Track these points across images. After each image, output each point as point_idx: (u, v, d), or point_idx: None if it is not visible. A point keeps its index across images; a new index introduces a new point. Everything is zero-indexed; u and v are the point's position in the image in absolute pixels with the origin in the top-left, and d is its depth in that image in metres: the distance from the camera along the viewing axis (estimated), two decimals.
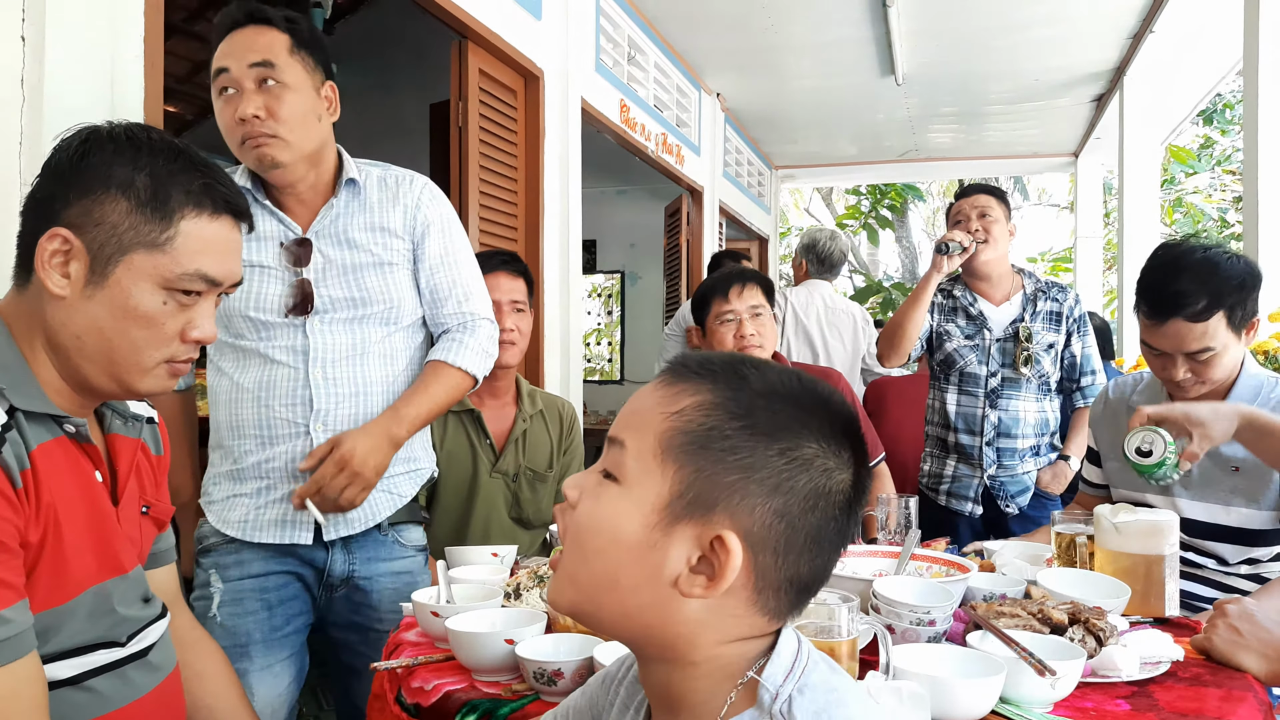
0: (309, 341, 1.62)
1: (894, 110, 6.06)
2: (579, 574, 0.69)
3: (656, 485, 0.67)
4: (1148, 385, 1.86)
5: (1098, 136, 6.35)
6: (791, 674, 0.67)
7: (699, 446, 0.67)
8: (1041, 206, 13.49)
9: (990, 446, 2.64)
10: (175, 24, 5.25)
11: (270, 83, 1.53)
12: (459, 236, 1.77)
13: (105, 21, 1.64)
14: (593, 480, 0.71)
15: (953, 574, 1.45)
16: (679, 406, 0.68)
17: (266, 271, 1.61)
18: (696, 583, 0.66)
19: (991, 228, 2.61)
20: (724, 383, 0.69)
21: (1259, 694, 1.17)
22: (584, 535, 0.69)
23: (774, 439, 0.67)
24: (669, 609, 0.67)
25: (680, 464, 0.67)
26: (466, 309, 1.74)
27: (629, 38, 4.37)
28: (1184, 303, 1.59)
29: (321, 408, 1.61)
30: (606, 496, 0.69)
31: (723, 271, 2.41)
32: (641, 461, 0.68)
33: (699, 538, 0.66)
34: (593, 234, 7.11)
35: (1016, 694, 1.09)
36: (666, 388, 0.70)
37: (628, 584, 0.67)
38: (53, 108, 1.53)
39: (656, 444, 0.68)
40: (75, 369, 1.02)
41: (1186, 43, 4.67)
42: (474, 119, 3.04)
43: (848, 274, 12.22)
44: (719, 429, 0.67)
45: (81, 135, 1.02)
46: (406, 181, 1.73)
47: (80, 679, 1.01)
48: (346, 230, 1.65)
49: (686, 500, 0.66)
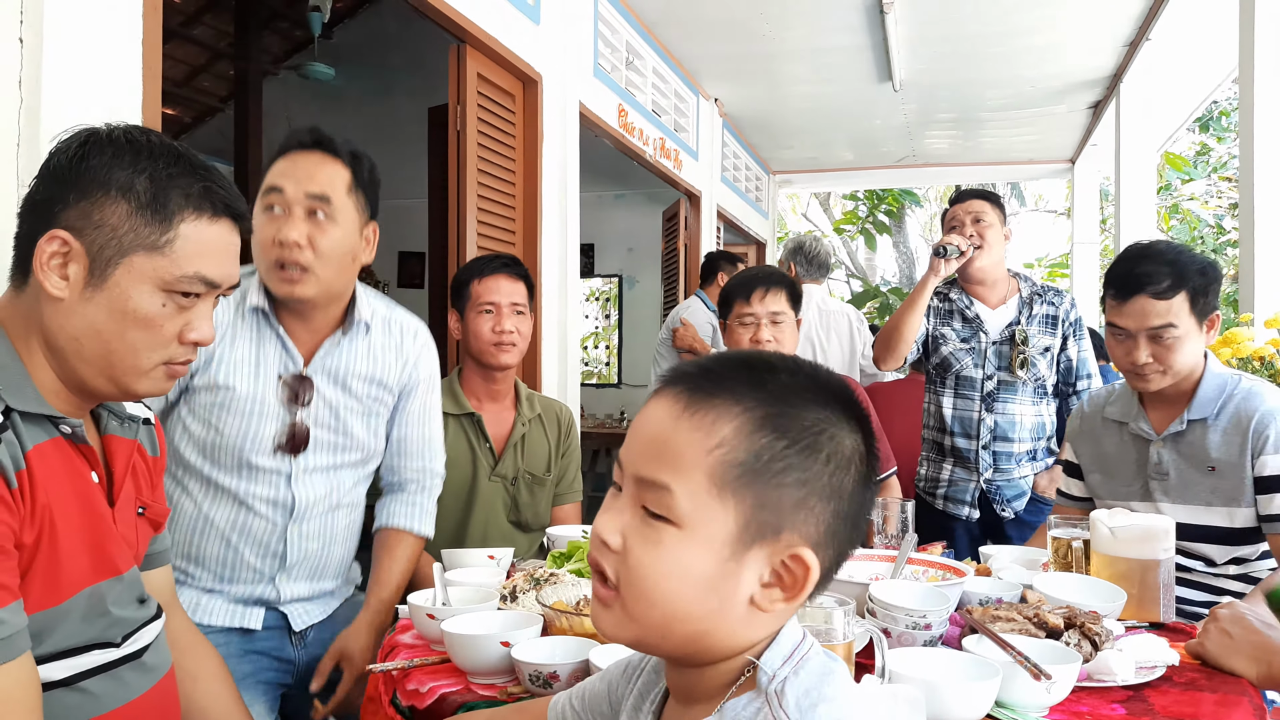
0: (294, 496, 1.59)
1: (891, 116, 6.08)
2: (646, 615, 0.68)
3: (720, 521, 0.66)
4: (1120, 396, 1.89)
5: (1094, 143, 6.38)
6: (790, 660, 0.68)
7: (753, 475, 0.66)
8: (1038, 212, 13.52)
9: (986, 450, 2.65)
10: (173, 28, 5.26)
11: (321, 215, 1.51)
12: (437, 393, 1.81)
13: (103, 24, 1.64)
14: (635, 522, 0.68)
15: (949, 578, 1.45)
16: (718, 437, 0.66)
17: (264, 408, 1.56)
18: (772, 597, 0.67)
19: (986, 233, 2.62)
20: (752, 398, 0.67)
21: (1254, 698, 1.17)
22: (648, 582, 0.67)
23: (818, 446, 0.67)
24: (739, 624, 0.68)
25: (739, 496, 0.66)
26: (431, 466, 1.79)
27: (627, 43, 4.38)
28: (1149, 281, 1.68)
29: (293, 561, 1.62)
30: (668, 542, 0.66)
31: (749, 272, 2.37)
32: (697, 502, 0.66)
33: (770, 557, 0.67)
34: (591, 238, 7.12)
35: (1012, 698, 1.09)
36: (694, 415, 0.68)
37: (700, 613, 0.67)
38: (50, 110, 1.53)
39: (708, 482, 0.66)
40: (73, 371, 1.02)
41: (1182, 50, 4.68)
42: (472, 123, 3.04)
43: (845, 279, 12.23)
44: (767, 452, 0.66)
45: (80, 137, 1.01)
46: (411, 334, 1.73)
47: (74, 680, 1.01)
48: (345, 374, 1.63)
49: (754, 528, 0.66)
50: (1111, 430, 1.88)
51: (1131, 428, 1.82)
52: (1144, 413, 1.81)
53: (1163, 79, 4.85)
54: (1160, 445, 1.77)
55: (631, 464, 0.69)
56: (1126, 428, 1.83)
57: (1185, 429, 1.74)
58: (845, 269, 12.64)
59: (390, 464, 1.77)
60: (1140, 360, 1.71)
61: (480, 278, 2.17)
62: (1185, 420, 1.74)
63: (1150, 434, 1.79)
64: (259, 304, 1.56)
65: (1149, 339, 1.70)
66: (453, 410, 2.16)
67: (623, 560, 0.68)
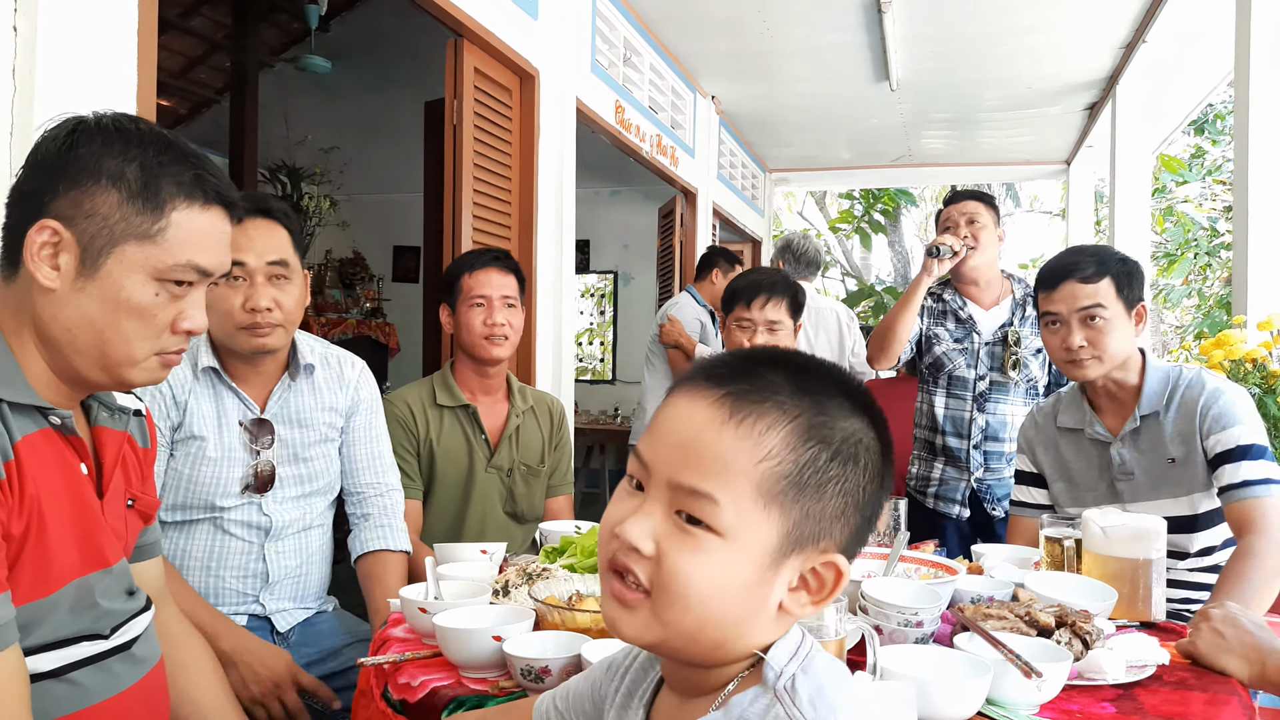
0: (269, 519, 1.69)
1: (888, 115, 6.08)
2: (678, 621, 0.66)
3: (763, 532, 0.66)
4: (1068, 404, 1.93)
5: (1090, 145, 6.39)
6: (796, 657, 0.68)
7: (799, 487, 0.66)
8: (1034, 213, 13.54)
9: (977, 450, 2.65)
10: (170, 19, 5.23)
11: (281, 279, 1.63)
12: (380, 413, 1.91)
13: (98, 14, 1.63)
14: (669, 527, 0.66)
15: (941, 576, 1.45)
16: (766, 448, 0.65)
17: (231, 454, 1.65)
18: (800, 600, 0.68)
19: (980, 234, 2.63)
20: (796, 406, 0.67)
21: (1243, 698, 1.17)
22: (684, 589, 0.65)
23: (858, 457, 0.68)
24: (764, 628, 0.68)
25: (785, 508, 0.66)
26: (384, 479, 1.86)
27: (625, 39, 4.37)
28: (1075, 268, 1.81)
29: (275, 580, 1.70)
30: (710, 550, 0.65)
31: (756, 276, 2.37)
32: (742, 513, 0.65)
33: (804, 563, 0.68)
34: (586, 234, 7.11)
35: (1002, 696, 1.09)
36: (740, 424, 0.66)
37: (731, 619, 0.67)
38: (44, 99, 1.52)
39: (755, 493, 0.65)
40: (66, 361, 1.01)
41: (1178, 53, 4.69)
42: (469, 118, 3.03)
43: (840, 278, 12.25)
44: (813, 464, 0.66)
45: (68, 126, 1.00)
46: (348, 363, 1.85)
47: (63, 671, 1.00)
48: (299, 411, 1.73)
49: (795, 538, 0.66)
50: (1068, 438, 1.91)
51: (1088, 433, 1.86)
52: (1097, 417, 1.86)
53: (1159, 81, 4.86)
54: (1120, 446, 1.82)
55: (666, 468, 0.67)
56: (1083, 434, 1.88)
57: (1140, 425, 1.80)
58: (840, 268, 12.66)
59: (348, 488, 1.84)
60: (1074, 344, 1.78)
61: (471, 271, 2.17)
62: (1138, 417, 1.79)
63: (1107, 436, 1.84)
64: (210, 364, 1.66)
65: (1080, 323, 1.79)
66: (448, 403, 2.16)
67: (656, 566, 0.66)
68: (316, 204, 6.22)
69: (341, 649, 1.75)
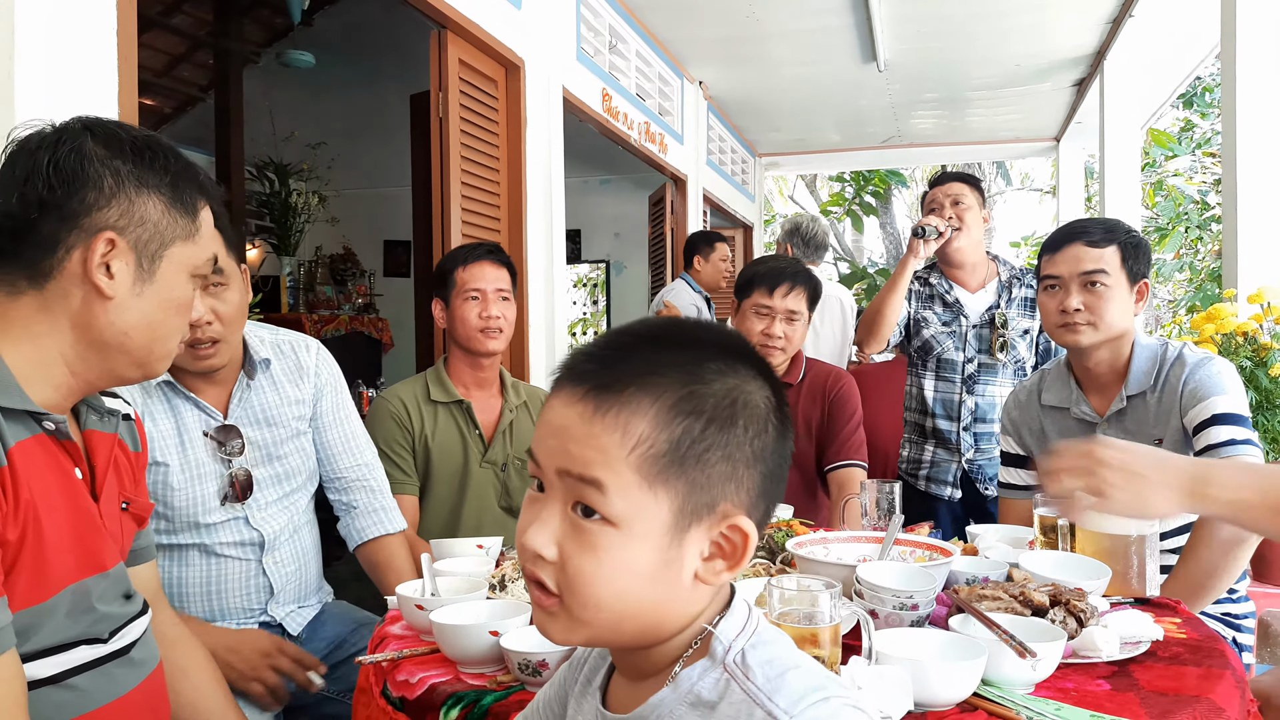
0: (259, 533, 1.64)
1: (877, 97, 6.07)
2: (595, 619, 0.67)
3: (655, 514, 0.65)
4: (1052, 381, 1.90)
5: (1079, 121, 6.38)
6: (744, 631, 0.69)
7: (678, 462, 0.65)
8: (1024, 191, 13.54)
9: (967, 431, 2.67)
10: (152, 16, 5.19)
11: (214, 285, 1.53)
12: (345, 392, 1.84)
13: (77, 14, 1.62)
14: (567, 528, 0.66)
15: (936, 558, 1.46)
16: (635, 435, 0.65)
17: (201, 469, 1.59)
18: (717, 568, 0.68)
19: (965, 215, 2.63)
20: (659, 384, 0.66)
21: (1236, 671, 1.18)
22: (593, 588, 0.65)
23: (735, 416, 0.67)
24: (685, 600, 0.68)
25: (669, 485, 0.65)
26: (362, 459, 1.82)
27: (610, 26, 4.35)
28: (1082, 232, 1.79)
29: (279, 590, 1.67)
30: (607, 544, 0.65)
31: (779, 263, 2.35)
32: (630, 500, 0.65)
33: (709, 531, 0.67)
34: (577, 224, 7.11)
35: (998, 676, 1.10)
36: (604, 416, 0.65)
37: (650, 604, 0.67)
38: (24, 100, 1.51)
39: (638, 478, 0.65)
40: (110, 364, 1.05)
41: (1165, 27, 4.68)
42: (455, 109, 3.02)
43: (832, 260, 12.25)
44: (687, 436, 0.65)
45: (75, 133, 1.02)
46: (302, 347, 1.78)
47: (62, 677, 1.00)
48: (265, 410, 1.68)
49: (689, 511, 0.66)
50: (1052, 417, 1.88)
51: (1074, 412, 1.83)
52: (1084, 396, 1.82)
53: (1146, 56, 4.85)
54: (1105, 426, 1.78)
55: (553, 460, 0.67)
56: (1068, 413, 1.84)
57: (1126, 406, 1.76)
58: (833, 251, 12.65)
59: (327, 475, 1.81)
60: (1071, 306, 1.75)
61: (465, 265, 2.17)
62: (1124, 397, 1.76)
63: (1093, 416, 1.80)
64: (163, 378, 1.57)
65: (1081, 287, 1.76)
66: (442, 399, 2.16)
67: (561, 570, 0.66)
68: (305, 200, 6.19)
69: (347, 636, 1.75)
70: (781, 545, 1.66)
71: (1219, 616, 1.78)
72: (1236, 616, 1.79)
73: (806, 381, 2.37)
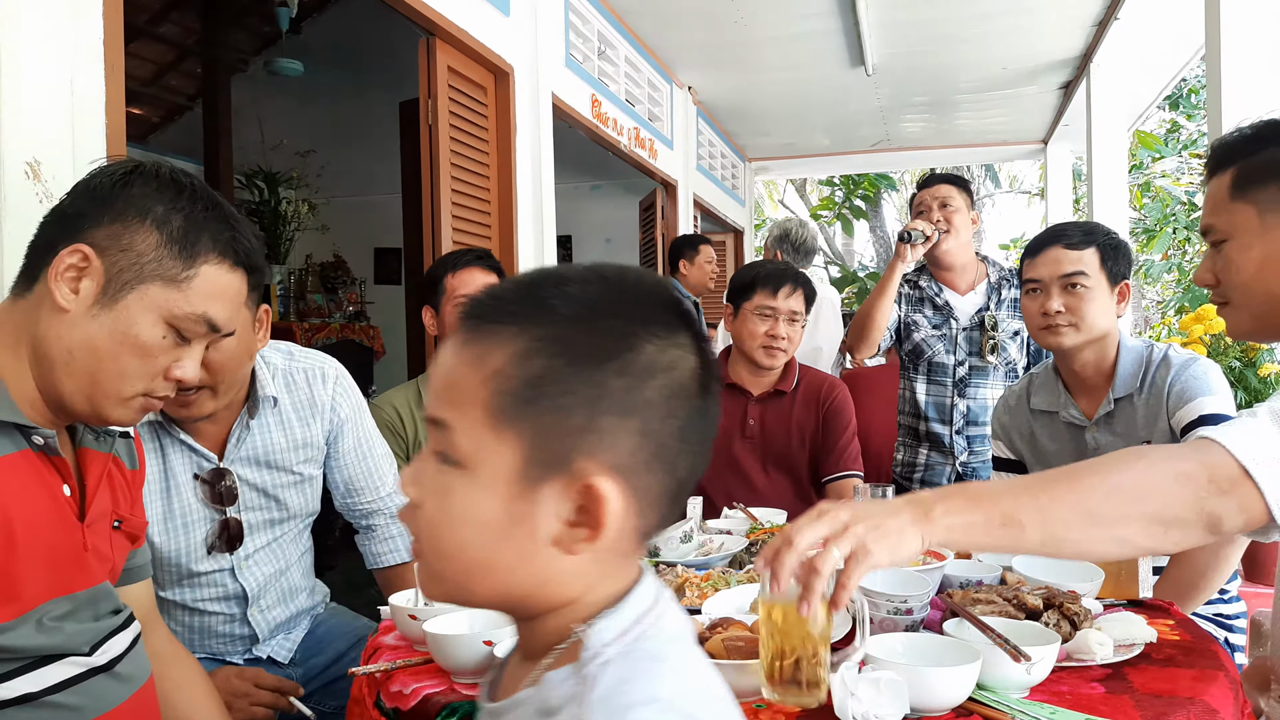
0: (243, 586, 1.57)
1: (865, 101, 6.08)
2: (446, 569, 0.62)
3: (501, 458, 0.59)
4: (1041, 385, 1.90)
5: (1066, 123, 6.41)
6: (626, 635, 0.61)
7: (529, 402, 0.59)
8: (1013, 194, 13.59)
9: (960, 435, 2.67)
10: (139, 25, 5.18)
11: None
12: (368, 421, 1.74)
13: (63, 25, 1.61)
14: (431, 470, 0.62)
15: (929, 562, 1.46)
16: (493, 365, 0.59)
17: (189, 515, 1.50)
18: (578, 536, 0.60)
19: (953, 217, 2.63)
20: (530, 319, 0.60)
21: (1230, 672, 1.18)
22: (440, 534, 0.61)
23: (606, 359, 0.59)
24: (550, 571, 0.61)
25: (518, 427, 0.59)
26: (381, 493, 1.76)
27: (599, 32, 4.35)
28: (1061, 235, 1.82)
29: (264, 635, 1.62)
30: (455, 487, 0.60)
31: (777, 266, 2.37)
32: (475, 438, 0.60)
33: (567, 491, 0.59)
34: (568, 230, 7.08)
35: (992, 680, 1.10)
36: (470, 345, 0.61)
37: (502, 564, 0.61)
38: (11, 112, 1.49)
39: (484, 414, 0.59)
40: (55, 384, 1.01)
41: (1151, 29, 4.71)
42: (444, 116, 3.02)
43: (823, 264, 12.27)
44: (545, 374, 0.59)
45: (128, 166, 1.05)
46: (319, 379, 1.63)
47: (44, 694, 0.99)
48: (267, 452, 1.56)
49: (539, 461, 0.59)
50: (1042, 421, 1.88)
51: (1062, 416, 1.83)
52: (1072, 399, 1.83)
53: (1132, 59, 4.88)
54: (1094, 430, 1.78)
55: (427, 404, 0.65)
56: (1057, 417, 1.85)
57: (1114, 409, 1.76)
58: (823, 255, 12.67)
59: (344, 505, 1.75)
60: (1052, 308, 1.76)
61: (453, 271, 2.17)
62: (1112, 400, 1.76)
63: (1081, 420, 1.80)
64: (152, 417, 1.46)
65: (1061, 289, 1.77)
66: None
67: (418, 514, 0.62)
68: (295, 208, 6.17)
69: (345, 651, 1.70)
70: None
71: (1211, 617, 1.78)
72: (1228, 617, 1.80)
73: (801, 389, 2.37)
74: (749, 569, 1.59)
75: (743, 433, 2.33)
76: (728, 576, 1.53)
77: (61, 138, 1.57)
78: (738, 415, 2.34)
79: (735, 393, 2.34)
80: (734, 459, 2.33)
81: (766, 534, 1.76)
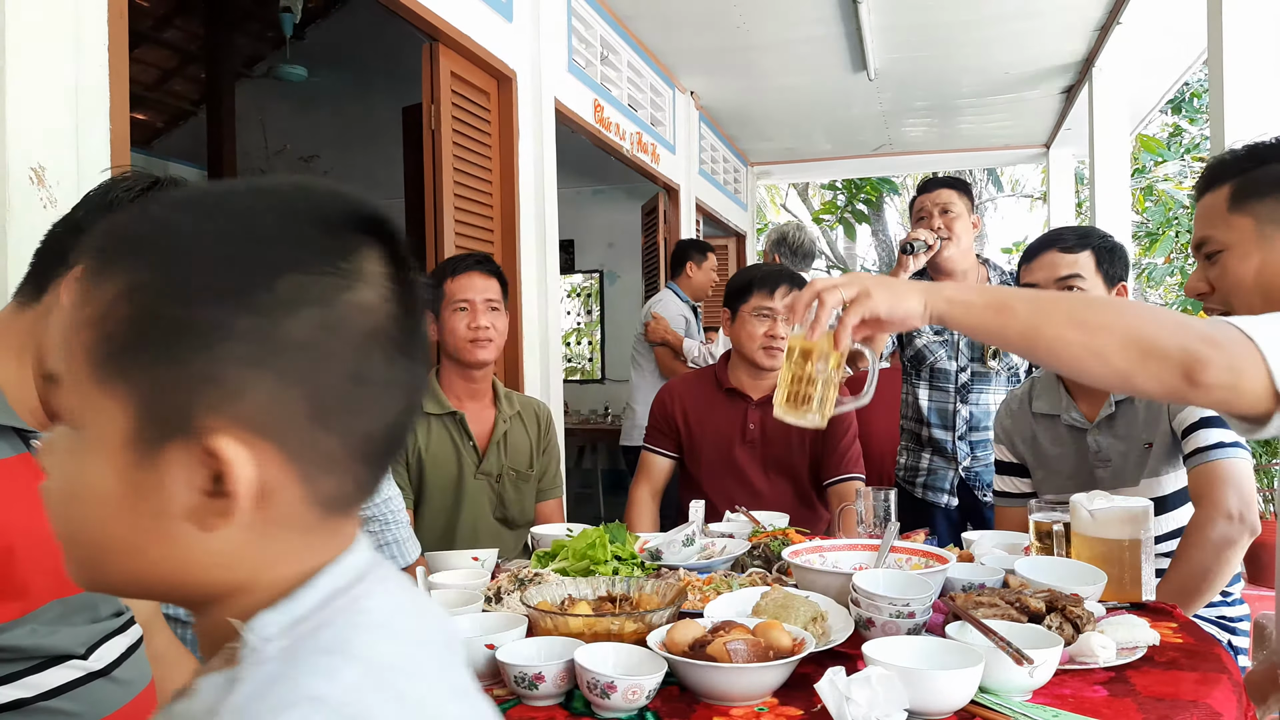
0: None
1: (867, 105, 6.09)
2: (75, 554, 0.52)
3: (109, 418, 0.49)
4: (1042, 389, 1.91)
5: (1068, 127, 6.41)
6: (301, 625, 0.50)
7: (138, 349, 0.48)
8: (1015, 197, 13.59)
9: (963, 440, 2.67)
10: (143, 31, 5.20)
11: None
12: None
13: (67, 31, 1.61)
14: (58, 437, 0.53)
15: (932, 565, 1.46)
16: (98, 307, 0.49)
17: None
18: (216, 509, 0.49)
19: (954, 224, 2.63)
20: (146, 249, 0.49)
21: (1233, 675, 1.18)
22: (59, 506, 0.52)
23: (236, 296, 0.48)
24: (194, 552, 0.50)
25: (126, 379, 0.49)
26: (378, 499, 1.75)
27: (601, 38, 4.36)
28: (1056, 240, 1.84)
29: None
30: (64, 449, 0.51)
31: (772, 268, 2.40)
32: (82, 394, 0.50)
33: (194, 456, 0.48)
34: (570, 234, 7.10)
35: (995, 683, 1.09)
36: (79, 284, 0.51)
37: (129, 545, 0.50)
38: (15, 117, 1.50)
39: (86, 364, 0.49)
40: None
41: (1154, 33, 4.71)
42: (447, 122, 3.02)
43: (825, 268, 12.27)
44: (154, 315, 0.48)
45: (145, 181, 1.04)
46: None
47: (41, 699, 0.99)
48: None
49: (155, 421, 0.48)
50: (1044, 425, 1.89)
51: (1064, 419, 1.84)
52: (1073, 403, 1.83)
53: (1135, 63, 4.88)
54: (1096, 433, 1.79)
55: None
56: (1059, 420, 1.85)
57: (1115, 411, 1.78)
58: (825, 259, 12.68)
59: None
60: None
61: (453, 276, 2.18)
62: (1113, 402, 1.77)
63: (1083, 422, 1.81)
64: None
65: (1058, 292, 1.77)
66: (435, 410, 2.16)
67: (47, 485, 0.53)
68: None
69: None
70: (777, 554, 1.66)
71: (1214, 620, 1.78)
72: (1231, 619, 1.79)
73: None
74: (751, 572, 1.59)
75: (743, 437, 2.33)
76: (730, 580, 1.53)
77: (66, 143, 1.58)
78: (738, 420, 2.34)
79: (735, 397, 2.35)
80: (735, 463, 2.33)
81: (768, 537, 1.76)
